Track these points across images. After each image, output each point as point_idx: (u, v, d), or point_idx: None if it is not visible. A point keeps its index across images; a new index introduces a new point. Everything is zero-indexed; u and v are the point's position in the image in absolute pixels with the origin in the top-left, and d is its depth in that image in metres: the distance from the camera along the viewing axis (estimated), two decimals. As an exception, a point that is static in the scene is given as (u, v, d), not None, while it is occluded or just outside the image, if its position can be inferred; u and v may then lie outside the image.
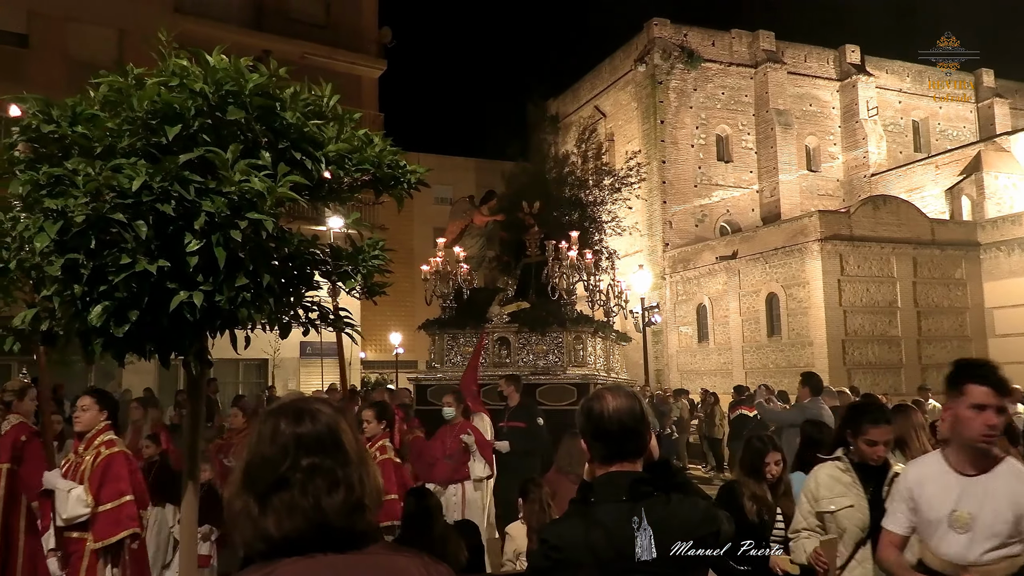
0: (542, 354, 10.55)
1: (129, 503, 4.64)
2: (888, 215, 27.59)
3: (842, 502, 3.78)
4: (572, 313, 10.67)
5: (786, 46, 36.87)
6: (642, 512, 2.31)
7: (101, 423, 4.82)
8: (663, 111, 34.37)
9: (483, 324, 10.77)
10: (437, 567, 1.58)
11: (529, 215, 11.98)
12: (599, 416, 2.40)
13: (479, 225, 12.47)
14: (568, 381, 10.13)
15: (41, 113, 3.03)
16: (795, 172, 35.58)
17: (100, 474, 4.61)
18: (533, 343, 10.62)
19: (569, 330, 10.52)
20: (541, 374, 10.27)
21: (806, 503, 3.94)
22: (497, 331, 10.73)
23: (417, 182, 3.51)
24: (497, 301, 11.26)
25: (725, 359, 30.25)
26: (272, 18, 24.89)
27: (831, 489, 3.84)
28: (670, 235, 33.91)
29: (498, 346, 10.80)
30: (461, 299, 11.35)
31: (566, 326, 10.47)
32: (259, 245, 2.95)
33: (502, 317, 10.78)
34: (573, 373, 10.27)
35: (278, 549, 1.45)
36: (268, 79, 3.11)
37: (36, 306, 3.10)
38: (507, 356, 10.67)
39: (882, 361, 26.59)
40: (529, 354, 10.60)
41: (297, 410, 1.57)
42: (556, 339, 10.55)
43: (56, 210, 2.79)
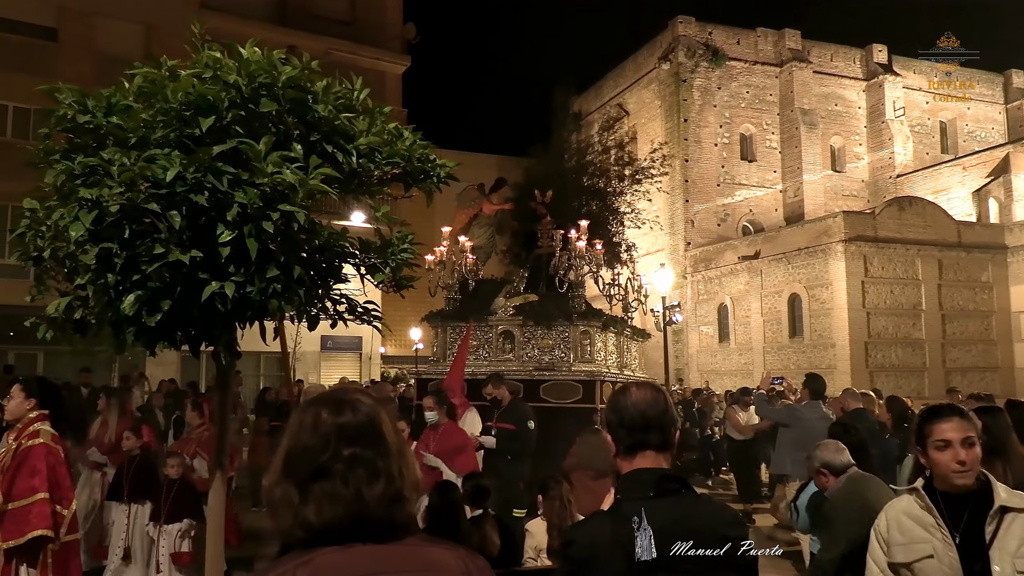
0: (547, 349, 9.95)
1: (41, 501, 4.20)
2: (914, 216, 27.28)
3: (920, 551, 2.86)
4: (580, 306, 10.04)
5: (812, 45, 36.54)
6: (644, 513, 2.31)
7: (32, 413, 4.41)
8: (687, 109, 34.18)
9: (485, 317, 10.28)
10: (475, 559, 1.58)
11: (541, 204, 11.35)
12: (623, 407, 2.43)
13: (488, 214, 11.93)
14: (574, 378, 9.50)
15: (77, 104, 3.05)
16: (819, 172, 35.27)
17: (15, 468, 4.25)
18: (538, 337, 10.02)
19: (576, 324, 9.91)
20: (546, 370, 9.69)
21: (878, 549, 3.04)
22: (501, 324, 10.17)
23: (447, 176, 3.51)
24: (503, 293, 10.71)
25: (746, 359, 30.07)
26: (297, 14, 25.00)
27: (906, 533, 2.93)
28: (692, 234, 33.73)
29: (502, 340, 10.19)
30: (466, 290, 10.88)
31: (572, 320, 9.88)
32: (290, 237, 2.96)
33: (506, 309, 10.23)
34: (579, 370, 9.61)
35: (317, 537, 1.46)
36: (301, 72, 3.12)
37: (69, 295, 3.13)
38: (511, 350, 10.08)
39: (905, 364, 26.31)
40: (534, 349, 10.01)
41: (338, 400, 1.57)
42: (562, 333, 9.92)
43: (91, 200, 2.81)
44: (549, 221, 10.98)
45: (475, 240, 11.47)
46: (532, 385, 9.35)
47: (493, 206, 11.94)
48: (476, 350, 10.10)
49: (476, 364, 9.84)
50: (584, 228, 9.99)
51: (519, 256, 12.30)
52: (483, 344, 10.15)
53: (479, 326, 10.19)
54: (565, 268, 10.00)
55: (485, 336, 10.20)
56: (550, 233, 10.60)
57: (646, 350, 34.82)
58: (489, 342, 10.14)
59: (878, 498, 4.08)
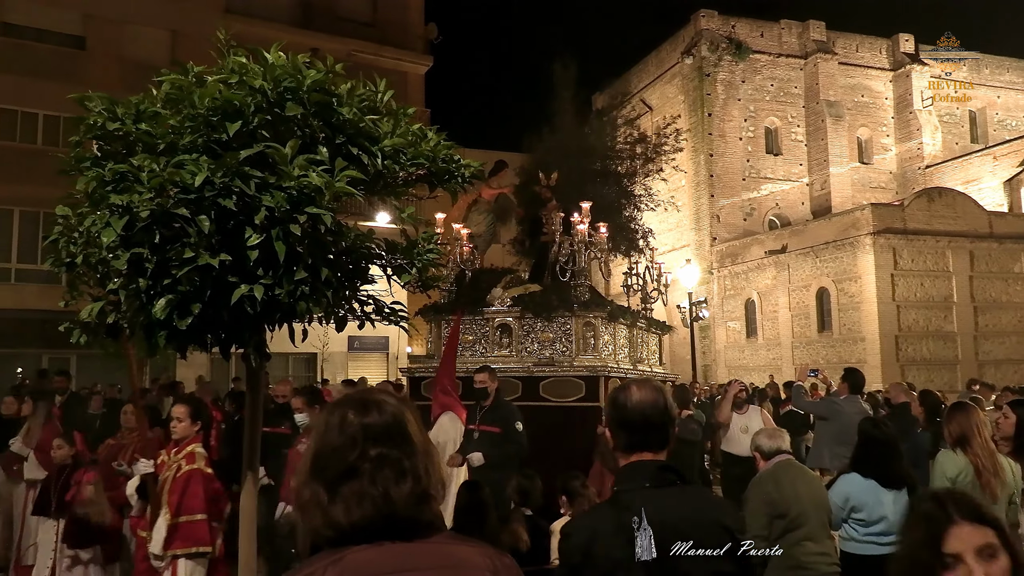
0: (548, 343, 9.07)
1: None
2: (944, 208, 26.91)
3: None
4: (584, 295, 9.15)
5: (837, 36, 36.15)
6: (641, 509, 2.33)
7: None
8: (711, 104, 33.98)
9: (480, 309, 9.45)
10: (501, 557, 1.60)
11: (547, 187, 10.32)
12: (623, 406, 2.48)
13: (487, 199, 10.87)
14: (575, 374, 8.71)
15: (106, 111, 3.10)
16: (846, 164, 34.89)
17: None
18: (538, 330, 9.17)
19: (578, 315, 9.00)
20: (546, 365, 8.88)
21: None
22: (498, 317, 9.33)
23: (471, 176, 3.53)
24: (502, 283, 9.79)
25: (774, 355, 29.83)
26: (320, 17, 25.16)
27: None
28: (718, 229, 33.52)
29: (499, 334, 9.32)
30: (463, 281, 10.09)
31: (574, 310, 9.00)
32: (317, 239, 2.99)
33: (504, 300, 9.40)
34: (581, 364, 8.80)
35: (346, 537, 1.48)
36: (325, 75, 3.14)
37: (102, 299, 3.18)
38: (508, 344, 9.23)
39: (937, 357, 25.97)
40: (534, 342, 9.16)
41: (363, 401, 1.59)
42: (564, 326, 9.07)
43: (122, 206, 2.85)
44: (555, 205, 10.06)
45: (473, 227, 10.56)
46: (531, 382, 8.70)
47: (492, 190, 10.91)
48: (472, 345, 9.37)
49: (472, 360, 9.10)
50: (587, 211, 9.14)
51: (523, 244, 11.50)
52: (479, 339, 9.39)
53: (474, 319, 9.40)
54: (567, 254, 9.24)
55: (481, 330, 9.41)
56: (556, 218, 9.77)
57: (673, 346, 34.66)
58: (485, 336, 9.36)
59: (792, 485, 4.37)
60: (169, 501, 4.94)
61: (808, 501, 4.36)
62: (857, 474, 4.73)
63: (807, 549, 4.28)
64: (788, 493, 4.32)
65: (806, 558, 4.28)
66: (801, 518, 4.29)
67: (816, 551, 4.32)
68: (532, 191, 10.60)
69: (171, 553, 4.85)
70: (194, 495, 4.97)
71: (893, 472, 4.66)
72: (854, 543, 4.71)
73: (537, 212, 10.45)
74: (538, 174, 10.43)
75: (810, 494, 4.41)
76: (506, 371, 8.63)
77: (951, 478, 4.55)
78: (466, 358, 9.12)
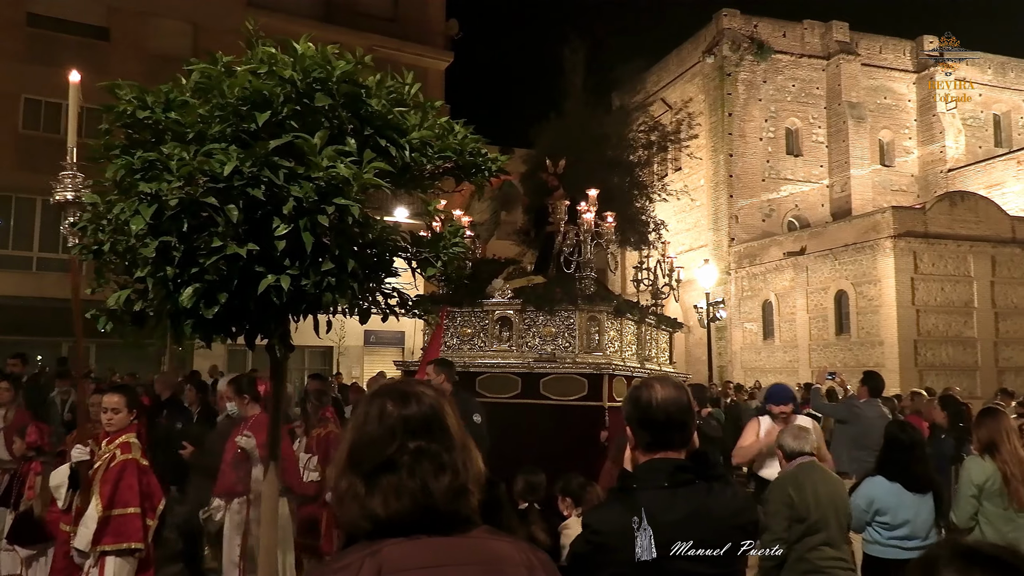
0: (550, 337, 8.58)
1: None
2: (966, 212, 26.66)
3: None
4: (589, 288, 8.67)
5: (860, 37, 35.86)
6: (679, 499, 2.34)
7: None
8: (731, 103, 33.79)
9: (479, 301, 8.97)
10: (537, 553, 1.59)
11: (553, 175, 9.78)
12: (647, 405, 2.45)
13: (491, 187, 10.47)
14: (578, 371, 8.24)
15: (136, 100, 3.10)
16: (867, 167, 34.61)
17: None
18: (540, 324, 8.65)
19: (581, 309, 8.50)
20: (547, 361, 8.42)
21: None
22: (497, 309, 8.83)
23: (498, 170, 3.51)
24: (504, 274, 9.32)
25: (791, 357, 29.67)
26: (341, 12, 25.24)
27: None
28: (736, 230, 33.35)
29: (498, 327, 8.81)
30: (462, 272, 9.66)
31: (577, 304, 8.50)
32: (344, 230, 2.98)
33: (504, 292, 8.91)
34: (584, 361, 8.32)
35: (383, 529, 1.47)
36: (354, 67, 3.14)
37: (128, 287, 3.19)
38: (508, 339, 8.73)
39: (956, 363, 25.74)
40: (535, 337, 8.65)
41: (402, 392, 1.58)
42: (567, 320, 8.57)
43: (150, 194, 2.85)
44: (561, 194, 9.67)
45: (475, 216, 10.12)
46: (532, 379, 8.29)
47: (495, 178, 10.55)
48: (470, 338, 8.93)
49: (471, 354, 8.75)
50: (593, 198, 8.67)
51: (528, 234, 11.08)
52: (478, 332, 8.91)
53: (473, 311, 8.92)
54: (572, 245, 8.80)
55: (480, 323, 8.93)
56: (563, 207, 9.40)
57: (689, 346, 34.46)
58: (484, 329, 8.86)
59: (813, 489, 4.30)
60: (101, 492, 4.60)
61: (829, 505, 4.31)
62: (882, 477, 4.69)
63: (825, 554, 4.24)
64: (809, 497, 4.28)
65: (823, 563, 4.24)
66: (821, 523, 4.25)
67: (833, 556, 4.28)
68: (538, 179, 10.16)
69: (100, 549, 4.50)
70: (128, 487, 4.67)
71: (918, 476, 4.62)
72: (878, 546, 4.67)
73: (543, 201, 10.00)
74: (545, 161, 9.97)
75: (831, 498, 4.36)
76: (505, 367, 8.38)
77: (979, 484, 4.50)
78: (464, 352, 8.77)
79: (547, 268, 9.58)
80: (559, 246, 9.07)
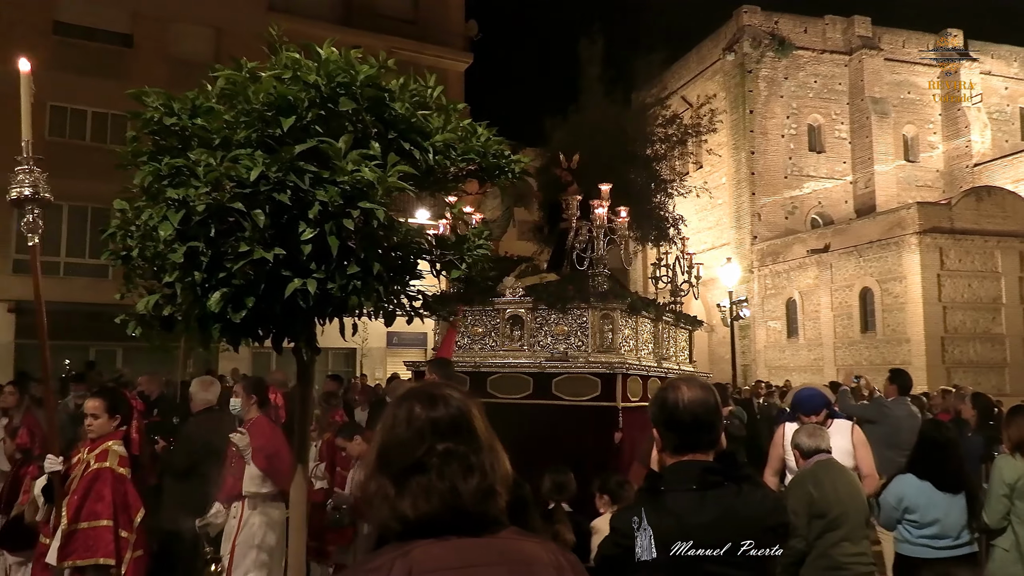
0: (562, 336, 8.37)
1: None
2: (993, 207, 26.32)
3: None
4: (603, 285, 8.43)
5: (883, 31, 35.49)
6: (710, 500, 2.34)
7: None
8: (752, 101, 33.56)
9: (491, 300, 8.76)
10: (566, 555, 1.60)
11: (567, 170, 9.57)
12: (673, 406, 2.44)
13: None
14: (591, 371, 8.01)
15: (163, 107, 3.14)
16: (891, 162, 34.25)
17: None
18: (552, 323, 8.44)
19: (594, 306, 8.25)
20: (559, 361, 8.21)
21: None
22: (508, 308, 8.63)
23: (521, 171, 3.52)
24: (515, 272, 9.13)
25: (815, 355, 29.43)
26: (361, 14, 25.37)
27: None
28: (759, 227, 33.11)
29: (509, 326, 8.60)
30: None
31: (590, 302, 8.27)
32: (370, 234, 3.00)
33: (515, 290, 8.69)
34: (597, 361, 8.10)
35: (413, 530, 1.49)
36: (377, 70, 3.15)
37: (157, 292, 3.22)
38: (520, 338, 8.53)
39: (984, 360, 25.41)
40: (547, 336, 8.45)
41: (430, 395, 1.60)
42: (579, 318, 8.34)
43: (178, 200, 2.89)
44: (575, 189, 9.38)
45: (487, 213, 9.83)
46: (544, 379, 8.11)
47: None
48: (481, 338, 8.76)
49: (482, 354, 8.59)
50: (606, 193, 8.45)
51: (542, 231, 10.83)
52: (489, 331, 8.73)
53: (484, 310, 8.74)
54: (584, 241, 8.58)
55: (491, 322, 8.74)
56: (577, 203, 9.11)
57: (712, 345, 34.26)
58: (496, 328, 8.67)
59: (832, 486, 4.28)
60: (68, 503, 4.31)
61: (848, 501, 4.30)
62: (912, 475, 4.66)
63: (845, 550, 4.23)
64: (828, 493, 4.27)
65: (844, 559, 4.23)
66: (840, 519, 4.24)
67: (854, 551, 4.26)
68: (552, 175, 9.92)
69: (68, 564, 4.22)
70: (99, 497, 4.35)
71: (950, 475, 4.58)
72: (908, 545, 4.64)
73: (557, 197, 9.64)
74: (559, 156, 9.72)
75: (850, 494, 4.35)
76: (517, 366, 8.22)
77: (1010, 483, 4.45)
78: (475, 351, 8.65)
79: (561, 265, 9.35)
80: (571, 242, 8.84)
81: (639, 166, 10.98)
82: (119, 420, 4.74)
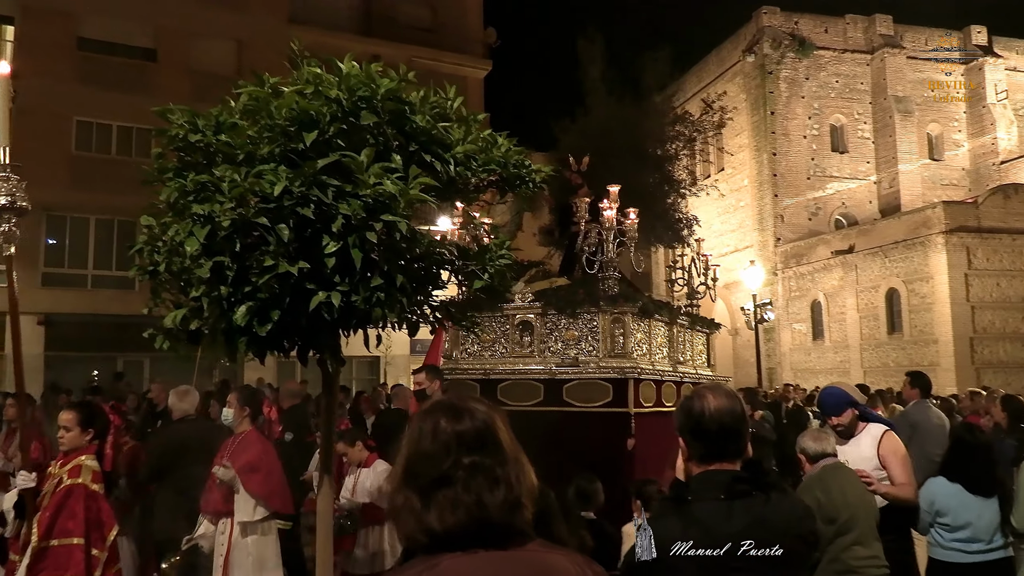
0: (573, 341, 8.21)
1: None
2: (1020, 204, 25.97)
3: None
4: (612, 288, 8.25)
5: (905, 30, 35.16)
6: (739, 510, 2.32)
7: None
8: (773, 102, 33.36)
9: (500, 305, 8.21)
10: (592, 566, 1.60)
11: (576, 173, 9.43)
12: (699, 415, 2.42)
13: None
14: (602, 376, 7.81)
15: (188, 123, 3.19)
16: (916, 161, 33.88)
17: None
18: (562, 328, 8.29)
19: (605, 310, 8.06)
20: (571, 366, 8.05)
21: None
22: (518, 314, 8.49)
23: (542, 181, 3.53)
24: (526, 276, 8.98)
25: (842, 357, 29.14)
26: (380, 24, 25.53)
27: None
28: (782, 229, 32.87)
29: (519, 332, 8.49)
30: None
31: (600, 305, 8.08)
32: (393, 246, 3.02)
33: (524, 295, 8.55)
34: (608, 366, 7.88)
35: (440, 543, 1.50)
36: (398, 84, 3.18)
37: (184, 306, 3.27)
38: (530, 344, 8.39)
39: (1015, 360, 25.04)
40: (557, 341, 8.31)
41: (455, 408, 1.61)
42: (590, 323, 8.18)
43: (204, 215, 2.93)
44: (585, 192, 9.19)
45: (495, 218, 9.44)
46: (554, 385, 7.95)
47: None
48: (491, 344, 8.66)
49: (492, 361, 8.49)
50: (615, 194, 8.29)
51: (552, 235, 10.67)
52: (498, 337, 8.62)
53: (493, 316, 8.56)
54: (594, 244, 8.42)
55: (500, 328, 8.63)
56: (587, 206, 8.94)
57: (737, 348, 33.98)
58: (505, 335, 8.57)
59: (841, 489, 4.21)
60: (39, 520, 4.19)
61: (858, 505, 4.26)
62: (943, 478, 4.61)
63: (856, 553, 4.19)
64: (837, 497, 4.23)
65: (856, 562, 4.19)
66: (851, 522, 4.19)
67: (866, 555, 4.22)
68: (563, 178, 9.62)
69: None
70: (71, 514, 4.22)
71: (982, 479, 4.52)
72: (940, 549, 4.60)
73: (568, 200, 9.45)
74: (568, 159, 9.59)
75: (858, 497, 4.31)
76: (527, 373, 8.12)
77: None
78: (485, 358, 8.56)
79: (572, 269, 9.17)
80: (581, 245, 8.66)
81: (651, 167, 10.84)
82: (92, 434, 4.60)
